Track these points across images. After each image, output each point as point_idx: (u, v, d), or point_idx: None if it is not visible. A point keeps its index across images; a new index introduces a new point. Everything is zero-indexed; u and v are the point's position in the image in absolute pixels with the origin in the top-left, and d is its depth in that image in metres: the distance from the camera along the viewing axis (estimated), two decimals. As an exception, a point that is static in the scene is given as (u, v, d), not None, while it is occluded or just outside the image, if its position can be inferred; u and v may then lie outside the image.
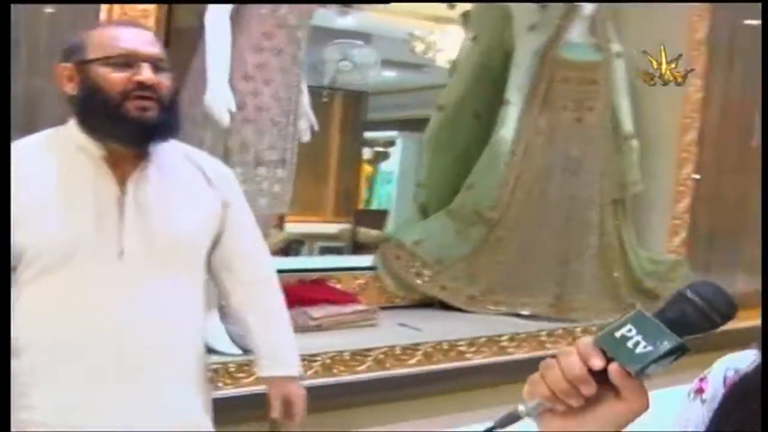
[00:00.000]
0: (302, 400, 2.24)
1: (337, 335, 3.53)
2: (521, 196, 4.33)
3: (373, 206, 9.25)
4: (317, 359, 3.22)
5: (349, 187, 8.46)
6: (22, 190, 1.84)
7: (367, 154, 9.23)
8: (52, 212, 1.87)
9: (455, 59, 4.85)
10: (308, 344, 3.29)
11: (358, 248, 7.08)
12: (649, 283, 4.47)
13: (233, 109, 2.98)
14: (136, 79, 1.88)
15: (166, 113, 1.93)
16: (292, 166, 3.25)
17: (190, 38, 3.46)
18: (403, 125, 9.02)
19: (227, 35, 3.01)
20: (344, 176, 8.34)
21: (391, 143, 9.39)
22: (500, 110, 4.37)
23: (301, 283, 3.91)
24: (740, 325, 1.17)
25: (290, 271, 4.00)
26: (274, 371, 2.23)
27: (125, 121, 1.88)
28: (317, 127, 3.50)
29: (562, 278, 4.29)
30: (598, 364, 0.92)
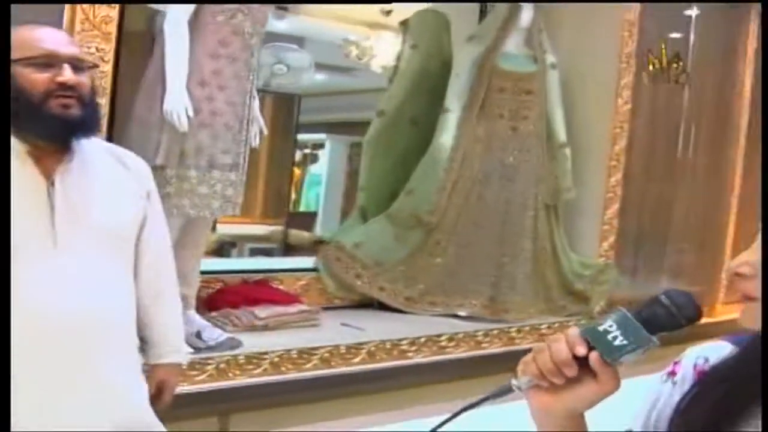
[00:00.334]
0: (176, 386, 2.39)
1: (283, 334, 3.61)
2: (459, 201, 4.45)
3: (300, 208, 9.26)
4: (266, 357, 3.30)
5: (280, 189, 8.48)
6: None
7: (296, 156, 9.24)
8: None
9: (394, 65, 4.92)
10: (256, 343, 3.40)
11: (288, 250, 7.14)
12: (579, 285, 4.64)
13: (191, 114, 3.04)
14: (58, 79, 1.95)
15: (87, 110, 2.01)
16: (243, 170, 3.31)
17: (139, 42, 3.53)
18: (331, 128, 9.05)
19: (186, 42, 3.07)
20: (275, 178, 8.35)
21: (320, 146, 9.42)
22: (439, 118, 4.48)
23: (245, 283, 3.99)
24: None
25: (232, 272, 4.08)
26: (168, 358, 2.33)
27: (49, 118, 1.94)
28: (266, 132, 3.57)
29: (496, 280, 4.41)
30: (581, 351, 1.11)
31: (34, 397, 1.93)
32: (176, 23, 3.07)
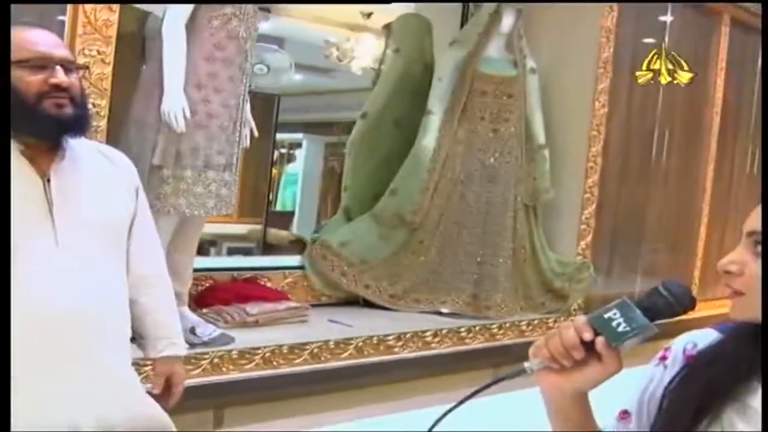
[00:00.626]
0: (184, 378, 2.42)
1: (273, 330, 3.71)
2: (441, 201, 4.55)
3: (277, 207, 9.29)
4: (258, 352, 3.40)
5: (258, 188, 8.53)
6: None
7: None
8: None
9: (377, 69, 5.01)
10: (248, 338, 3.49)
11: (267, 249, 7.21)
12: (557, 283, 4.76)
13: (189, 116, 3.13)
14: (51, 81, 1.99)
15: (78, 109, 2.06)
16: (236, 170, 3.41)
17: (130, 44, 3.60)
18: (308, 128, 9.10)
19: (183, 45, 3.15)
20: (253, 177, 8.40)
21: (297, 145, 9.46)
22: (422, 120, 4.58)
23: (234, 281, 4.08)
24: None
25: (220, 269, 4.17)
26: (169, 351, 2.35)
27: (44, 118, 1.99)
28: (257, 133, 3.67)
29: (479, 278, 4.52)
30: (588, 336, 1.25)
31: (34, 396, 1.94)
32: (174, 26, 3.15)
